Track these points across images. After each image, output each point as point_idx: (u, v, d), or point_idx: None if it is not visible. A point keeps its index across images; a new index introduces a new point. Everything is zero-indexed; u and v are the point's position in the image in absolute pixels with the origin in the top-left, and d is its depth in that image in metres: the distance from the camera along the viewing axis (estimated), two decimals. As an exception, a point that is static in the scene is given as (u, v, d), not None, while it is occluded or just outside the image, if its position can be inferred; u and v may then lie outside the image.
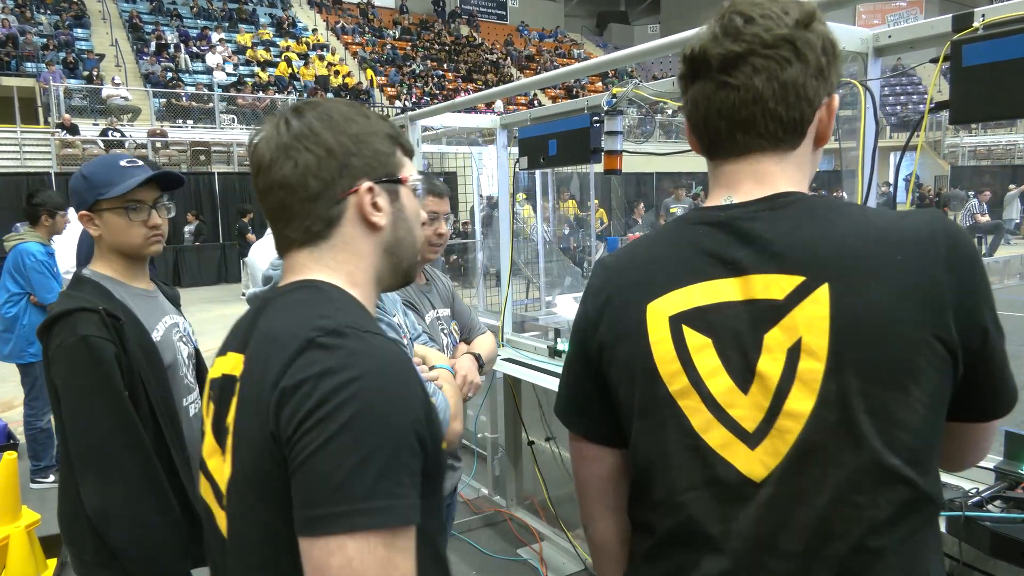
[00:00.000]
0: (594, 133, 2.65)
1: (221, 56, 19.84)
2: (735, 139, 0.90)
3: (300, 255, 0.93)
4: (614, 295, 0.95)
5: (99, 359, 1.50)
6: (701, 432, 0.86)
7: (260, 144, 0.92)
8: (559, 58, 28.47)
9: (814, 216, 0.86)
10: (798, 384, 0.81)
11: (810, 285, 0.81)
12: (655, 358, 0.88)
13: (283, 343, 0.81)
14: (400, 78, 23.06)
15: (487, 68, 25.86)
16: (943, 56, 1.57)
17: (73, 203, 1.66)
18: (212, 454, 0.93)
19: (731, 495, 0.84)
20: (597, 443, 1.01)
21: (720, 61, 0.86)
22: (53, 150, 14.04)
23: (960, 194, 17.69)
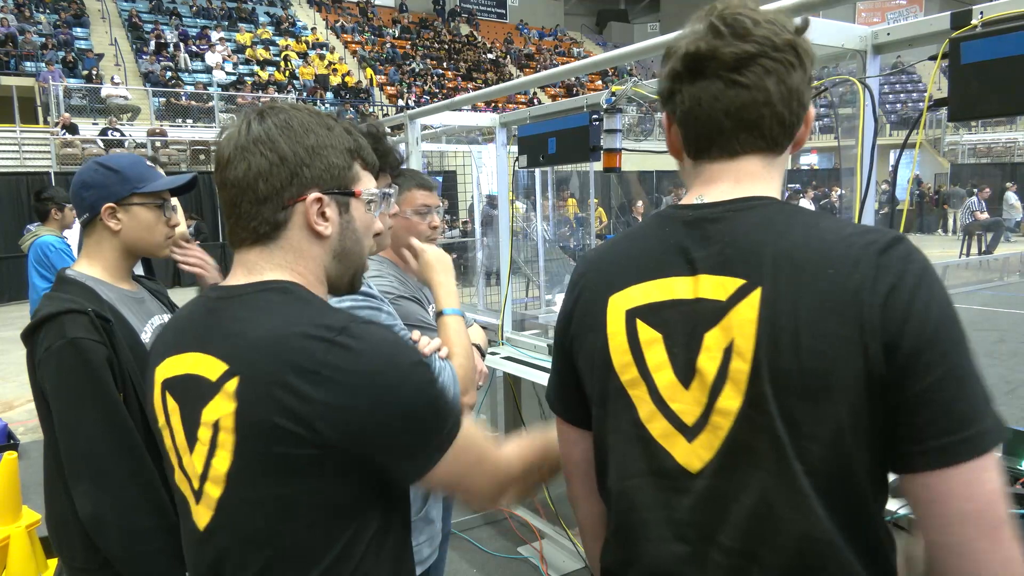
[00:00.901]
0: (593, 131, 2.65)
1: (220, 55, 19.83)
2: (737, 139, 0.89)
3: (251, 253, 0.99)
4: (585, 288, 0.99)
5: (90, 362, 1.46)
6: (646, 422, 0.90)
7: (223, 141, 0.98)
8: (559, 57, 28.46)
9: (771, 222, 0.85)
10: (729, 383, 0.83)
11: (748, 288, 0.83)
12: (610, 349, 0.93)
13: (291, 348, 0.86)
14: (400, 77, 23.05)
15: (487, 67, 25.85)
16: (942, 53, 1.57)
17: (90, 195, 1.60)
18: (183, 451, 0.96)
19: (670, 485, 0.89)
20: (576, 426, 1.05)
21: (733, 60, 0.85)
22: (53, 150, 14.04)
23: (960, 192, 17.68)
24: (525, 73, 25.57)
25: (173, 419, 0.97)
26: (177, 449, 0.97)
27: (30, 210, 12.23)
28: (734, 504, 0.84)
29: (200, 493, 0.94)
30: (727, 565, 0.85)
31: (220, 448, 0.89)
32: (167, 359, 0.99)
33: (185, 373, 0.95)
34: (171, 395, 0.97)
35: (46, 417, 1.51)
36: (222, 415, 0.88)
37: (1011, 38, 1.46)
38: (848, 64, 1.84)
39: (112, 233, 1.62)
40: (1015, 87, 1.46)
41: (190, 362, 0.94)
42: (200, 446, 0.92)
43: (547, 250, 6.48)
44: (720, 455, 0.85)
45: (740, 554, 0.84)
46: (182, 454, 0.96)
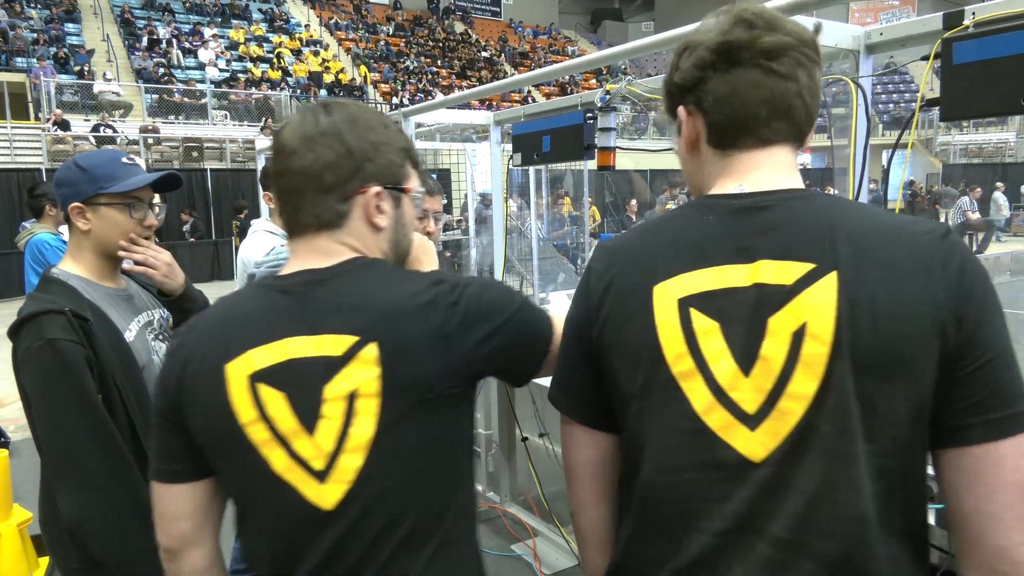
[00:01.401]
0: (587, 129, 2.66)
1: (214, 52, 19.75)
2: (771, 127, 0.91)
3: (319, 239, 1.02)
4: (618, 277, 0.95)
5: (67, 363, 1.43)
6: (703, 414, 0.87)
7: (286, 131, 1.01)
8: (553, 55, 28.46)
9: (827, 209, 0.88)
10: (801, 367, 0.83)
11: (819, 272, 0.83)
12: (660, 340, 0.89)
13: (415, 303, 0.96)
14: (394, 74, 23.00)
15: (481, 65, 25.83)
16: (934, 53, 1.58)
17: (62, 193, 1.59)
18: (295, 436, 0.96)
19: (728, 476, 0.86)
20: (590, 427, 1.02)
21: (772, 48, 0.88)
22: (44, 146, 13.95)
23: (951, 191, 17.77)
24: (519, 71, 25.55)
25: (272, 408, 0.96)
26: (282, 437, 0.96)
27: (22, 207, 12.17)
28: (794, 492, 0.83)
29: (329, 470, 0.95)
30: (774, 558, 0.84)
31: (360, 415, 0.94)
32: (247, 352, 0.97)
33: (288, 359, 0.96)
34: (269, 385, 0.96)
35: (31, 417, 1.50)
36: (360, 383, 0.94)
37: (1003, 38, 1.47)
38: (841, 64, 1.85)
39: (83, 233, 1.60)
40: (1006, 87, 1.47)
41: (294, 347, 0.96)
42: (327, 422, 0.95)
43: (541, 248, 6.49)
44: (788, 441, 0.83)
45: (791, 545, 0.83)
46: (291, 439, 0.96)
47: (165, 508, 1.05)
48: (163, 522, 1.06)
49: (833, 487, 0.82)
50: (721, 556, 0.86)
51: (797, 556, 0.83)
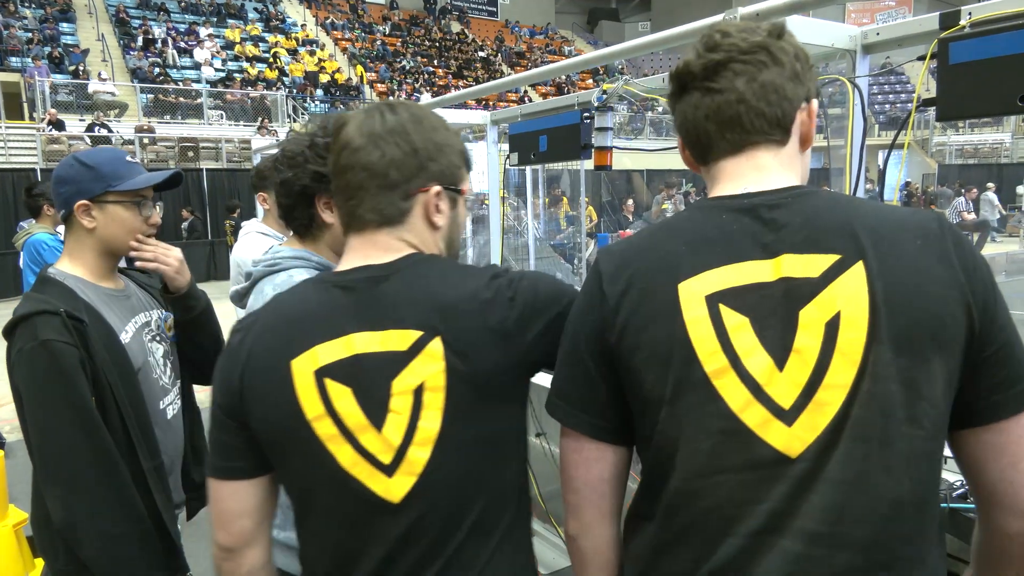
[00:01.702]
0: (584, 129, 2.65)
1: (209, 51, 19.71)
2: (725, 139, 0.95)
3: (380, 234, 1.04)
4: (636, 278, 0.93)
5: (61, 365, 1.42)
6: (739, 412, 0.86)
7: (351, 127, 1.02)
8: (550, 55, 28.46)
9: (839, 203, 0.92)
10: (838, 356, 0.83)
11: (846, 262, 0.85)
12: (692, 338, 0.88)
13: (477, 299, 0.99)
14: (390, 74, 22.98)
15: (477, 65, 25.82)
16: (930, 54, 1.58)
17: (65, 191, 1.56)
18: (362, 430, 0.98)
19: (764, 476, 0.85)
20: (602, 441, 0.98)
21: (703, 70, 0.94)
22: (39, 146, 13.90)
23: (947, 192, 17.83)
24: (516, 71, 25.54)
25: (341, 403, 0.98)
26: (350, 431, 0.97)
27: (16, 207, 12.12)
28: (827, 484, 0.83)
29: (397, 464, 0.97)
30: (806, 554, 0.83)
31: (427, 409, 0.96)
32: (312, 348, 0.99)
33: (353, 355, 0.98)
34: (336, 381, 0.98)
35: (23, 418, 1.49)
36: (427, 376, 0.96)
37: (999, 38, 1.47)
38: (838, 64, 1.85)
39: (87, 231, 1.58)
40: (1002, 87, 1.47)
41: (359, 342, 0.98)
42: (395, 416, 0.97)
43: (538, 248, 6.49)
44: (826, 433, 0.83)
45: (825, 538, 0.83)
46: (358, 434, 0.97)
47: (225, 506, 1.06)
48: (223, 520, 1.06)
49: (868, 473, 0.83)
50: (752, 558, 0.85)
51: (831, 548, 0.83)
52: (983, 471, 0.89)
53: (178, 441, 1.73)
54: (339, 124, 1.05)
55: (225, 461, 1.05)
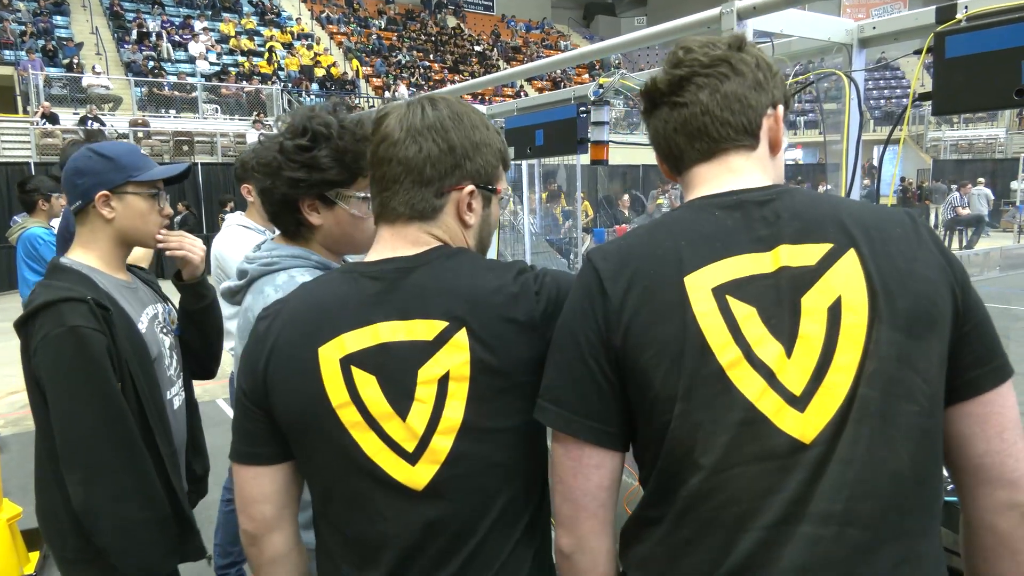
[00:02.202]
0: (581, 123, 2.65)
1: (204, 45, 19.61)
2: (695, 148, 1.00)
3: (410, 228, 1.05)
4: (639, 275, 0.91)
5: (89, 351, 1.44)
6: (756, 401, 0.86)
7: (391, 119, 1.04)
8: (546, 50, 28.40)
9: (819, 198, 0.96)
10: (843, 340, 0.86)
11: (838, 251, 0.89)
12: (703, 330, 0.87)
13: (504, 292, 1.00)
14: (386, 69, 22.90)
15: (473, 60, 25.75)
16: (927, 48, 1.58)
17: (84, 182, 1.58)
18: (387, 418, 0.99)
19: (780, 465, 0.85)
20: (603, 447, 0.94)
21: (668, 86, 1.00)
22: (33, 139, 13.84)
23: (942, 187, 17.85)
24: (512, 66, 25.49)
25: (366, 391, 0.99)
26: (374, 419, 0.99)
27: (11, 201, 12.07)
28: (837, 464, 0.84)
29: (420, 452, 0.98)
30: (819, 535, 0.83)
31: (452, 398, 0.97)
32: (339, 336, 1.00)
33: (380, 343, 0.99)
34: (362, 369, 0.99)
35: (39, 406, 1.50)
36: (452, 366, 0.97)
37: (995, 32, 1.47)
38: (834, 58, 1.85)
39: (105, 222, 1.60)
40: (998, 81, 1.47)
41: (385, 331, 0.99)
42: (420, 404, 0.98)
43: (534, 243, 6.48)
44: (837, 415, 0.85)
45: (835, 517, 0.83)
46: (383, 422, 0.99)
47: (248, 491, 1.07)
48: (245, 505, 1.08)
49: (872, 449, 0.85)
50: (773, 550, 0.84)
51: (841, 525, 0.84)
52: (969, 445, 0.92)
53: (181, 432, 1.76)
54: (380, 115, 1.06)
55: (248, 447, 1.06)
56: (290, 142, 1.34)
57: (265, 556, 1.09)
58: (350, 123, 1.36)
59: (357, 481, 1.00)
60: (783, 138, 1.02)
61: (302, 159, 1.33)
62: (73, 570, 1.56)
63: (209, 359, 1.88)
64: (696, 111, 0.98)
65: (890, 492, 0.85)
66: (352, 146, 1.33)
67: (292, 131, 1.36)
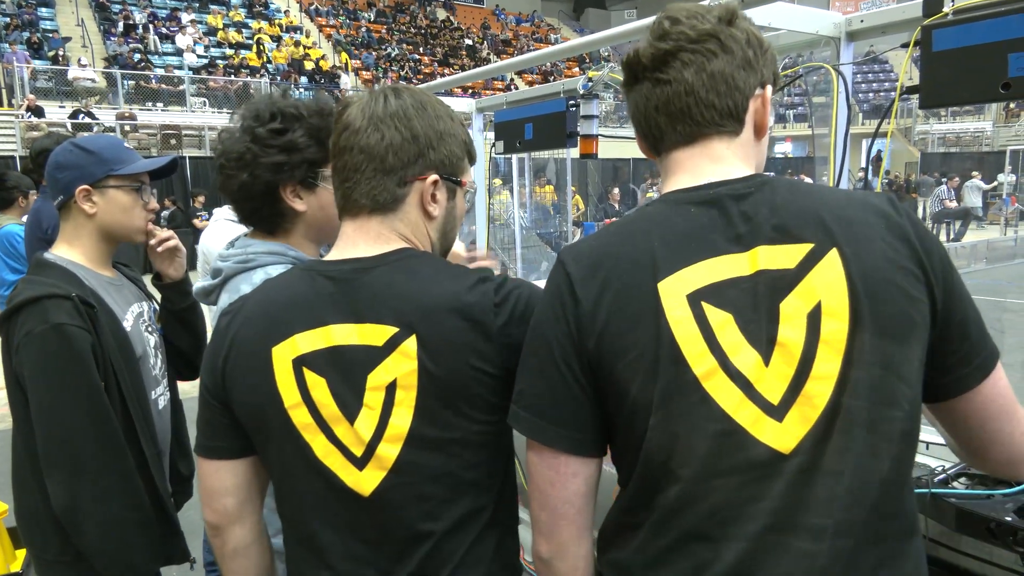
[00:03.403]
0: (570, 117, 2.64)
1: (191, 37, 19.43)
2: (676, 130, 0.94)
3: (372, 221, 1.02)
4: (611, 279, 0.88)
5: (73, 349, 1.42)
6: (733, 413, 0.83)
7: (353, 108, 1.01)
8: (536, 43, 28.31)
9: (798, 190, 0.90)
10: (823, 347, 0.82)
11: (819, 251, 0.84)
12: (678, 340, 0.84)
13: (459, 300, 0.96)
14: (375, 62, 22.78)
15: (463, 52, 25.65)
16: (914, 41, 1.58)
17: (65, 176, 1.55)
18: (336, 422, 0.98)
19: (760, 475, 0.83)
20: (580, 455, 0.92)
21: (651, 60, 0.93)
22: (18, 133, 13.68)
23: (929, 180, 17.96)
24: (502, 59, 25.39)
25: (316, 393, 0.98)
26: (325, 421, 0.98)
27: (-6, 195, 11.92)
28: (826, 476, 0.82)
29: (367, 458, 0.97)
30: (814, 550, 0.81)
31: (399, 406, 0.95)
32: (291, 337, 0.99)
33: (331, 346, 0.97)
34: (312, 370, 0.98)
35: (20, 404, 1.48)
36: (400, 374, 0.95)
37: (982, 26, 1.47)
38: (822, 51, 1.85)
39: (87, 217, 1.57)
40: (985, 75, 1.48)
41: (338, 334, 0.98)
42: (368, 411, 0.96)
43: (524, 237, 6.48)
44: (817, 425, 0.82)
45: (829, 530, 0.81)
46: (333, 425, 0.98)
47: (209, 483, 1.08)
48: (207, 497, 1.08)
49: (859, 459, 0.82)
50: (757, 560, 0.83)
51: (835, 538, 0.82)
52: (977, 431, 0.93)
53: (166, 432, 1.73)
54: (343, 105, 1.03)
55: (209, 440, 1.07)
56: (262, 128, 1.30)
57: (228, 547, 1.10)
58: (311, 102, 1.35)
59: (309, 482, 1.00)
60: (769, 121, 0.98)
61: (279, 143, 1.30)
62: (52, 572, 1.53)
63: (196, 358, 1.87)
64: (680, 91, 0.91)
65: (877, 499, 0.83)
66: (323, 123, 1.32)
67: (259, 118, 1.31)
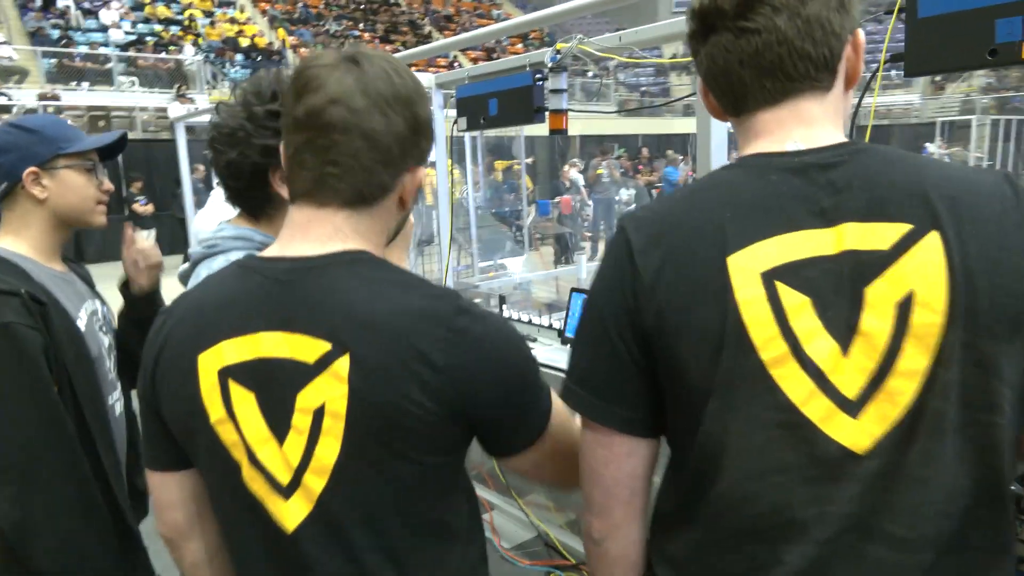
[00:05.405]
0: (537, 91, 2.57)
1: (117, 13, 18.43)
2: (764, 87, 0.83)
3: (338, 216, 0.88)
4: (675, 250, 0.80)
5: (23, 350, 1.29)
6: (801, 405, 0.76)
7: (347, 79, 0.85)
8: (478, 18, 27.92)
9: (899, 162, 0.80)
10: (911, 340, 0.75)
11: (918, 233, 0.75)
12: (745, 321, 0.77)
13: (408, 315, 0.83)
14: (314, 38, 22.10)
15: (405, 28, 25.12)
16: (898, 7, 1.56)
17: (7, 160, 1.41)
18: (263, 443, 0.86)
19: (829, 474, 0.76)
20: (635, 435, 0.87)
21: (735, 7, 0.81)
22: (-72, 117, 12.78)
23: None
24: (445, 35, 24.97)
25: (242, 409, 0.86)
26: (248, 443, 0.86)
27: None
28: (910, 482, 0.75)
29: (294, 486, 0.86)
30: (892, 560, 0.76)
31: (326, 435, 0.83)
32: (221, 343, 0.87)
33: (259, 357, 0.86)
34: (239, 383, 0.86)
35: None
36: (328, 399, 0.82)
37: (970, -9, 1.45)
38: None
39: (37, 202, 1.43)
40: (972, 41, 1.46)
41: (267, 344, 0.85)
42: (296, 435, 0.85)
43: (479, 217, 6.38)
44: (900, 426, 0.75)
45: (912, 542, 0.76)
46: (256, 447, 0.86)
47: (157, 496, 0.99)
48: (157, 510, 1.00)
49: (948, 467, 0.76)
50: (828, 568, 0.77)
51: (917, 550, 0.76)
52: None
53: (123, 442, 1.60)
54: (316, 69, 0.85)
55: (150, 450, 0.98)
56: (260, 108, 1.24)
57: (186, 562, 1.02)
58: None
59: (236, 508, 0.90)
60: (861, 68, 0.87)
61: (275, 125, 1.22)
62: None
63: None
64: (771, 40, 0.79)
65: (965, 512, 0.77)
66: None
67: (260, 97, 1.25)
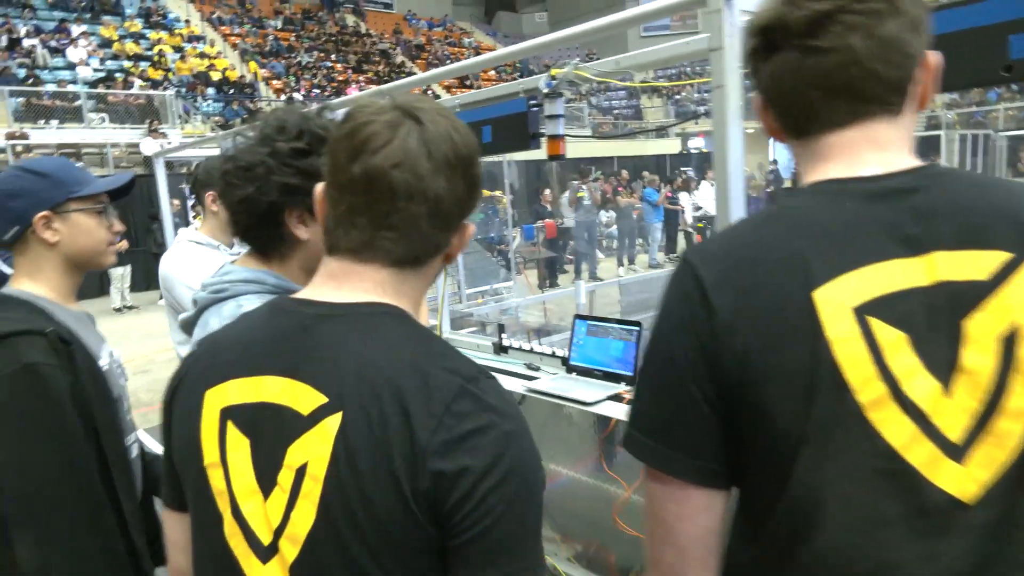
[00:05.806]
0: (532, 117, 2.56)
1: (84, 50, 18.28)
2: (833, 109, 0.79)
3: (380, 274, 0.83)
4: (754, 285, 0.74)
5: (49, 392, 1.24)
6: (903, 451, 0.70)
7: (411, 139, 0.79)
8: (450, 47, 28.19)
9: (986, 186, 0.77)
10: (1018, 377, 0.70)
11: (1018, 261, 0.71)
12: (840, 362, 0.71)
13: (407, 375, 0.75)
14: (286, 70, 22.09)
15: (377, 59, 25.24)
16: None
17: (18, 205, 1.37)
18: (248, 496, 0.79)
19: (935, 527, 0.70)
20: (711, 487, 0.79)
21: (804, 24, 0.76)
22: None
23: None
24: (417, 64, 25.14)
25: (235, 456, 0.80)
26: (233, 493, 0.79)
27: None
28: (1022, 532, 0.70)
29: (272, 549, 0.78)
30: None
31: (303, 498, 0.76)
32: (228, 382, 0.81)
33: (261, 401, 0.80)
34: (236, 426, 0.79)
35: None
36: (311, 458, 0.75)
37: (980, 8, 1.45)
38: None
39: (49, 246, 1.39)
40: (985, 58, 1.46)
41: (270, 388, 0.80)
42: (279, 492, 0.78)
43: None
44: (1009, 472, 0.69)
45: None
46: (241, 500, 0.79)
47: (167, 534, 0.96)
48: (168, 550, 0.96)
49: None
50: None
51: None
52: None
53: (138, 484, 1.54)
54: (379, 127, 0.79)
55: (164, 487, 0.93)
56: (285, 144, 1.19)
57: None
58: None
59: (215, 565, 0.83)
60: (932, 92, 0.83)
61: (299, 164, 1.18)
62: None
63: None
64: (844, 60, 0.75)
65: None
66: None
67: (285, 133, 1.20)
